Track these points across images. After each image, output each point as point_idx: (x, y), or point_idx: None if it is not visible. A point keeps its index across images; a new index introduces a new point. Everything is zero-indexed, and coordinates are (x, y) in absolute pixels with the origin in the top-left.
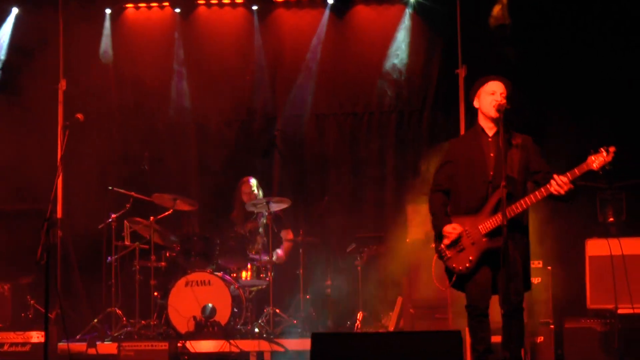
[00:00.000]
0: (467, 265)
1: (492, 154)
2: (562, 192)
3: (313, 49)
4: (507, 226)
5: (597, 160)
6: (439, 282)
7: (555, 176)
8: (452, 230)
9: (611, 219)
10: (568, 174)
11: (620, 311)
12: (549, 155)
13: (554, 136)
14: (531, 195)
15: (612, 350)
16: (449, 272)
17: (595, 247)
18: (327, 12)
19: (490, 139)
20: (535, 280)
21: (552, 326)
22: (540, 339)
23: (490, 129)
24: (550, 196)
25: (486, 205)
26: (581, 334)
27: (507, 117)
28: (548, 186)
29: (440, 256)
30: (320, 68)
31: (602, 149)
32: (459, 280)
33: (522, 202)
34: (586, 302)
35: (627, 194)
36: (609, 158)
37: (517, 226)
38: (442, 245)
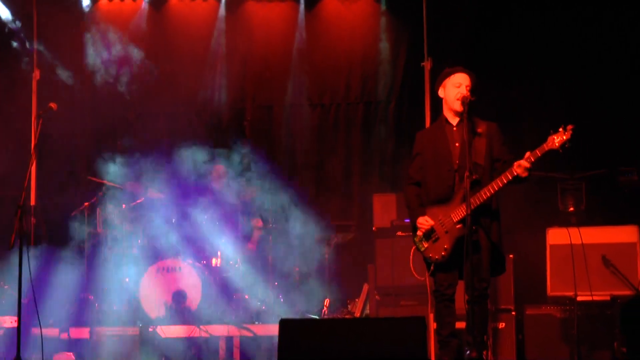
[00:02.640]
0: (443, 253)
1: (457, 144)
2: (526, 174)
3: (281, 41)
4: (476, 212)
5: (557, 139)
6: (417, 272)
7: (516, 163)
8: (424, 222)
9: (571, 209)
10: (529, 157)
11: (579, 298)
12: (516, 139)
13: (520, 121)
14: (497, 181)
15: (571, 336)
16: (427, 262)
17: (556, 236)
18: (301, 7)
19: (455, 128)
20: None
21: (513, 312)
22: (501, 324)
23: (453, 119)
24: (514, 180)
25: (456, 194)
26: (541, 320)
27: (471, 108)
28: (513, 170)
29: (418, 248)
30: (289, 60)
31: (560, 128)
32: (436, 268)
33: (488, 188)
34: (546, 290)
35: (587, 185)
36: (568, 135)
37: (487, 211)
38: (417, 237)
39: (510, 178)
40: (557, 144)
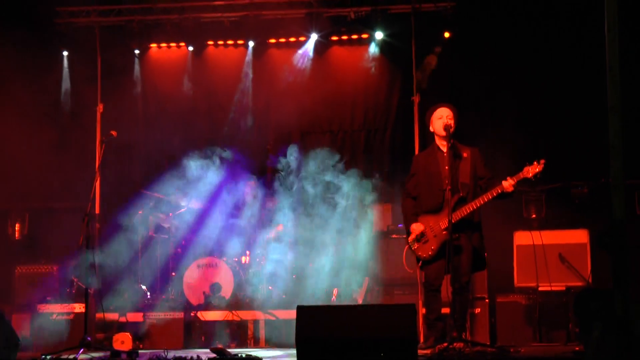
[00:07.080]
0: (430, 253)
1: (446, 167)
2: (511, 190)
3: (297, 78)
4: (461, 223)
5: (531, 170)
6: (408, 267)
7: (508, 178)
8: (416, 228)
9: (534, 216)
10: (515, 178)
11: (540, 289)
12: (495, 161)
13: (497, 146)
14: (484, 196)
15: (534, 320)
16: (417, 259)
17: (521, 238)
18: (308, 50)
19: (445, 154)
20: None
21: (486, 300)
22: (477, 310)
23: (444, 146)
24: (499, 195)
25: (445, 206)
26: (509, 307)
27: (455, 134)
28: (500, 187)
29: (410, 247)
30: (305, 95)
31: (535, 162)
32: (424, 264)
33: (475, 202)
34: (514, 281)
35: (547, 196)
36: (540, 168)
37: (469, 223)
38: (409, 239)
39: (496, 194)
40: (530, 174)
